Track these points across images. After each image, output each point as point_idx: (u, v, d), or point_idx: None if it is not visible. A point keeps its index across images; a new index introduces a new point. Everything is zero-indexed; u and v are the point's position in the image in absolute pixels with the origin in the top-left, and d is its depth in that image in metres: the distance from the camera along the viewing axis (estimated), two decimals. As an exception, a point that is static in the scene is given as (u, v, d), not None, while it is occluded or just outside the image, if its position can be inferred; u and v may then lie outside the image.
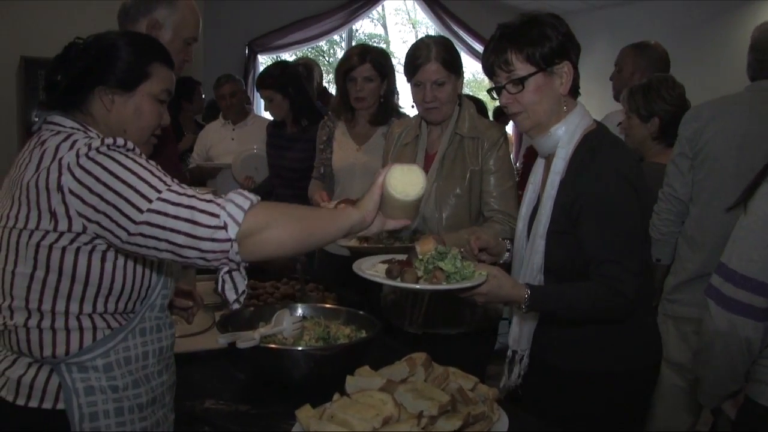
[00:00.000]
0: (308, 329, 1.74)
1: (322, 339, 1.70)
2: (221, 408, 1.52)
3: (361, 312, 1.86)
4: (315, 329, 1.74)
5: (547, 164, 1.70)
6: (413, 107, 2.33)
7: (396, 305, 2.30)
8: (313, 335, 1.71)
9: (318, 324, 1.78)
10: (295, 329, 1.69)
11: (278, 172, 3.40)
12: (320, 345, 1.67)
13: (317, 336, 1.71)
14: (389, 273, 1.50)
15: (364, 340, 1.71)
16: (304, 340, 1.69)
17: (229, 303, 1.21)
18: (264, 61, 6.34)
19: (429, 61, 2.11)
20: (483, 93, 8.30)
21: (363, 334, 1.76)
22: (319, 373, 1.58)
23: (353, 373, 1.37)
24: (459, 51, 2.25)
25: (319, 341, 1.69)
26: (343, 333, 1.75)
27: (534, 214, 1.71)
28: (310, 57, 6.54)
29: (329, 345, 1.68)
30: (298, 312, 1.86)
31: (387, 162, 2.36)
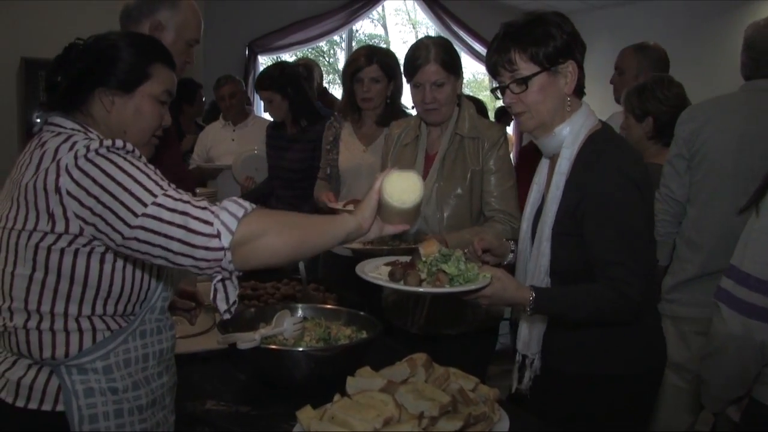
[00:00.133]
0: (309, 330, 1.74)
1: (323, 340, 1.70)
2: (222, 409, 1.52)
3: (362, 313, 1.86)
4: (316, 330, 1.74)
5: (552, 164, 1.68)
6: (412, 108, 2.33)
7: (397, 306, 2.30)
8: (314, 336, 1.71)
9: (319, 325, 1.78)
10: (296, 330, 1.69)
11: (278, 173, 3.39)
12: (321, 346, 1.67)
13: (318, 337, 1.71)
14: (392, 276, 1.49)
15: (365, 341, 1.71)
16: (305, 341, 1.69)
17: (220, 313, 1.22)
18: (264, 62, 6.33)
19: (428, 62, 2.11)
20: (483, 93, 8.31)
21: (364, 335, 1.76)
22: (320, 374, 1.58)
23: (354, 374, 1.37)
24: (459, 51, 2.25)
25: (320, 342, 1.69)
26: (344, 334, 1.75)
27: (538, 215, 1.69)
28: (311, 57, 6.54)
29: (330, 346, 1.67)
30: (299, 313, 1.86)
31: (386, 163, 2.35)
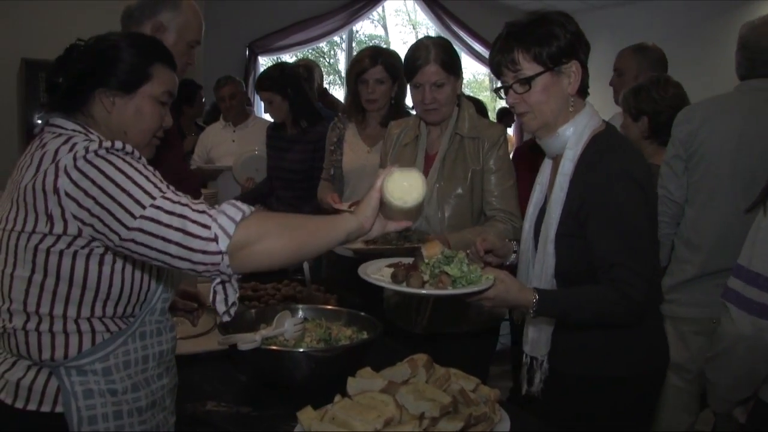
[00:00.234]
0: (309, 331, 1.74)
1: (324, 340, 1.70)
2: (222, 410, 1.52)
3: (363, 313, 1.86)
4: (316, 331, 1.74)
5: (555, 165, 1.67)
6: (412, 108, 2.32)
7: (400, 307, 2.29)
8: (315, 337, 1.71)
9: (319, 325, 1.78)
10: (297, 331, 1.69)
11: (278, 174, 3.39)
12: (321, 346, 1.67)
13: (318, 337, 1.71)
14: (395, 277, 1.48)
15: (366, 342, 1.70)
16: (306, 342, 1.69)
17: (219, 315, 1.21)
18: (264, 63, 6.33)
19: (428, 63, 2.11)
20: (483, 93, 8.31)
21: (364, 336, 1.75)
22: (321, 375, 1.58)
23: (354, 375, 1.37)
24: (459, 52, 2.25)
25: (321, 343, 1.69)
26: (345, 334, 1.75)
27: (541, 215, 1.68)
28: (311, 58, 6.54)
29: (330, 346, 1.67)
30: (300, 314, 1.86)
31: (386, 163, 2.34)
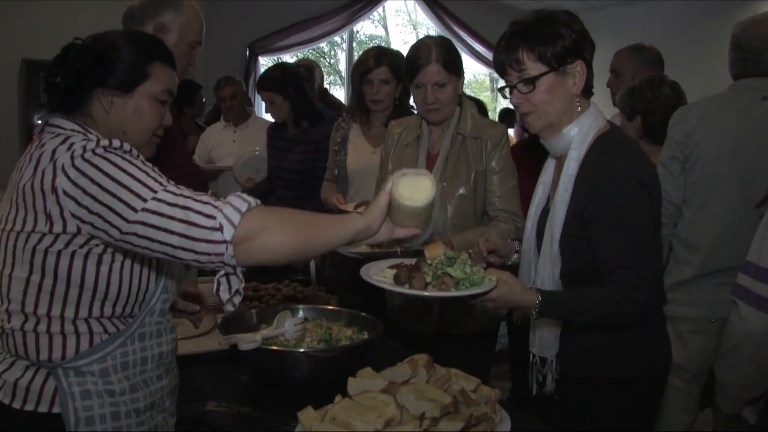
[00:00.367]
0: (310, 331, 1.74)
1: (324, 341, 1.70)
2: (223, 410, 1.52)
3: (363, 313, 1.85)
4: (317, 331, 1.74)
5: (559, 165, 1.67)
6: (412, 108, 2.31)
7: (404, 308, 2.28)
8: (315, 337, 1.71)
9: (320, 326, 1.78)
10: (297, 331, 1.69)
11: (279, 174, 3.39)
12: (322, 347, 1.67)
13: (319, 338, 1.71)
14: (397, 279, 1.47)
15: (366, 342, 1.70)
16: (306, 342, 1.69)
17: (223, 303, 1.19)
18: (265, 63, 6.34)
19: (429, 63, 2.10)
20: (484, 93, 8.31)
21: (365, 336, 1.75)
22: (321, 375, 1.58)
23: (355, 375, 1.36)
24: (459, 52, 2.24)
25: (321, 343, 1.69)
26: (345, 335, 1.75)
27: (544, 215, 1.67)
28: (311, 58, 6.54)
29: (331, 347, 1.67)
30: (300, 314, 1.86)
31: (387, 163, 2.34)
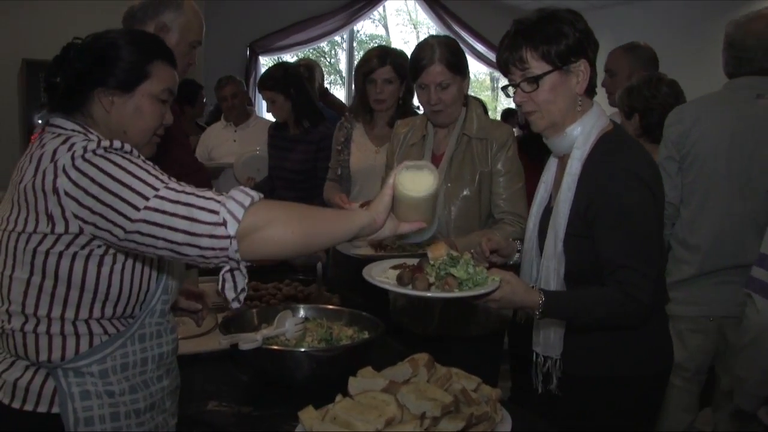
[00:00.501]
0: (310, 330, 1.74)
1: (325, 340, 1.70)
2: (223, 410, 1.52)
3: (364, 313, 1.85)
4: (317, 330, 1.74)
5: (561, 164, 1.66)
6: (417, 108, 2.30)
7: (407, 309, 2.27)
8: (316, 336, 1.71)
9: (320, 325, 1.78)
10: (298, 330, 1.69)
11: (280, 174, 3.38)
12: (322, 346, 1.67)
13: (320, 337, 1.71)
14: (400, 280, 1.46)
15: (367, 341, 1.70)
16: (307, 342, 1.68)
17: (229, 302, 1.19)
18: (265, 63, 6.34)
19: (432, 63, 2.08)
20: (484, 93, 8.31)
21: (365, 336, 1.75)
22: (322, 375, 1.58)
23: (356, 375, 1.36)
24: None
25: (322, 342, 1.69)
26: (346, 334, 1.75)
27: (546, 214, 1.67)
28: (312, 58, 6.54)
29: (331, 346, 1.67)
30: (301, 313, 1.86)
31: (392, 163, 2.32)
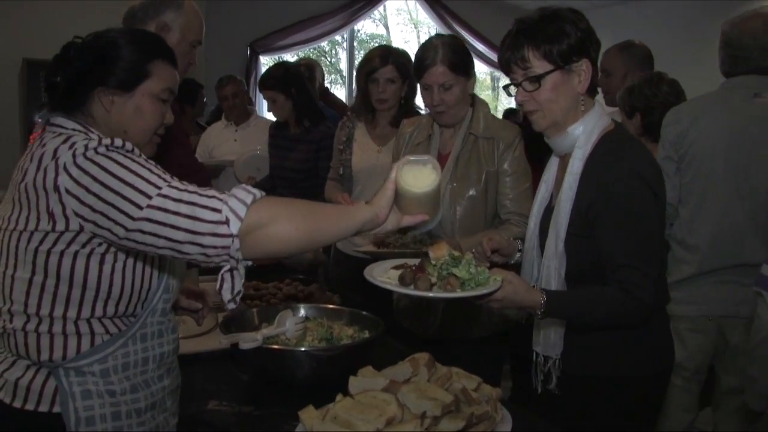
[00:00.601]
0: (311, 330, 1.74)
1: (325, 340, 1.70)
2: (224, 409, 1.52)
3: (365, 312, 1.85)
4: (318, 330, 1.74)
5: (563, 164, 1.66)
6: (421, 109, 2.28)
7: (410, 309, 2.26)
8: (316, 336, 1.71)
9: (321, 325, 1.78)
10: (298, 330, 1.69)
11: (281, 173, 3.38)
12: (323, 346, 1.67)
13: (320, 337, 1.71)
14: (402, 280, 1.45)
15: (367, 341, 1.70)
16: (307, 341, 1.69)
17: (225, 302, 1.18)
18: (266, 62, 6.34)
19: (435, 64, 2.06)
20: (485, 92, 8.30)
21: (366, 335, 1.75)
22: (322, 374, 1.58)
23: (356, 374, 1.36)
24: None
25: (322, 342, 1.69)
26: (346, 333, 1.75)
27: (547, 214, 1.67)
28: (312, 57, 6.54)
29: (332, 345, 1.67)
30: (301, 313, 1.86)
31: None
